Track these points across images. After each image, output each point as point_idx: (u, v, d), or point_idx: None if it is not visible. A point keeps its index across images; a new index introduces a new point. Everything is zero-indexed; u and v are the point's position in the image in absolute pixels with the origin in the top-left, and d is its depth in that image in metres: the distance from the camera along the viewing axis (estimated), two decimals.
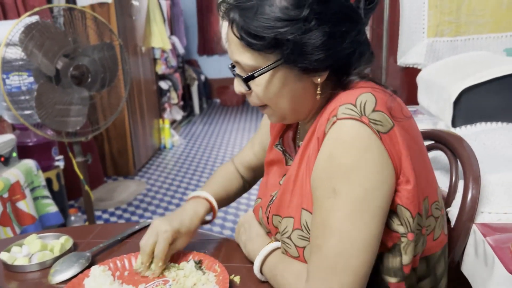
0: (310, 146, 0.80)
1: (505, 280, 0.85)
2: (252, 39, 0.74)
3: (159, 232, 0.93)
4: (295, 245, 0.82)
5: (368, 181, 0.69)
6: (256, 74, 0.77)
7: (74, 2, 3.38)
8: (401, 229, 0.74)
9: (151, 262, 0.94)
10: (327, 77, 0.77)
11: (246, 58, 0.77)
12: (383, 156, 0.70)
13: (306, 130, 0.88)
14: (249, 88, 0.80)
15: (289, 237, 0.82)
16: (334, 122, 0.72)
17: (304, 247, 0.80)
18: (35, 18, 2.05)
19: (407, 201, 0.73)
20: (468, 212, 0.98)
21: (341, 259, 0.70)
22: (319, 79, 0.77)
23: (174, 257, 0.99)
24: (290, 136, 0.97)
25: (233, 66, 0.84)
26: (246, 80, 0.79)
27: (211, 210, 1.04)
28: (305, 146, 0.82)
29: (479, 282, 0.95)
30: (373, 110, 0.71)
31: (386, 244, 0.76)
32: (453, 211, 1.02)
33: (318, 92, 0.79)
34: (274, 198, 0.92)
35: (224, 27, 0.81)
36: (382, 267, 0.78)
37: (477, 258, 0.96)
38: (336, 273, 0.70)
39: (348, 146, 0.70)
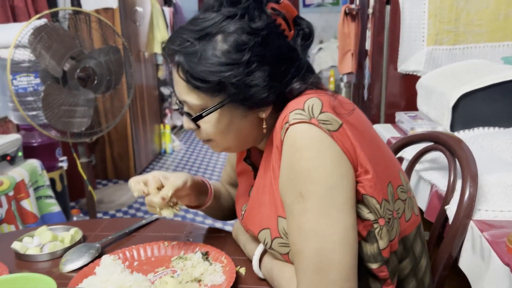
0: (272, 156, 0.83)
1: (500, 272, 0.88)
2: (198, 83, 0.78)
3: (156, 174, 0.98)
4: (279, 253, 0.84)
5: (329, 178, 0.73)
6: (204, 114, 0.82)
7: (79, 7, 3.44)
8: (371, 216, 0.77)
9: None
10: (273, 107, 0.82)
11: (193, 98, 0.81)
12: (337, 152, 0.74)
13: (262, 147, 0.93)
14: (198, 126, 0.84)
15: (270, 248, 0.85)
16: (287, 129, 0.75)
17: (287, 253, 0.83)
18: (43, 21, 2.10)
19: (370, 190, 0.77)
20: (466, 209, 1.02)
21: (324, 257, 0.73)
22: (263, 114, 0.83)
23: (182, 249, 1.02)
24: (257, 148, 0.99)
25: (181, 103, 0.88)
26: (195, 120, 0.83)
27: (204, 184, 1.06)
28: (266, 158, 0.87)
29: (476, 276, 0.98)
30: (321, 112, 0.75)
31: (361, 233, 0.79)
32: (452, 209, 1.05)
33: (264, 126, 0.84)
34: (243, 212, 0.96)
35: (166, 69, 0.86)
36: (363, 255, 0.80)
37: (474, 253, 1.00)
38: (323, 271, 0.73)
39: (304, 149, 0.74)
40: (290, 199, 0.76)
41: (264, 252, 0.90)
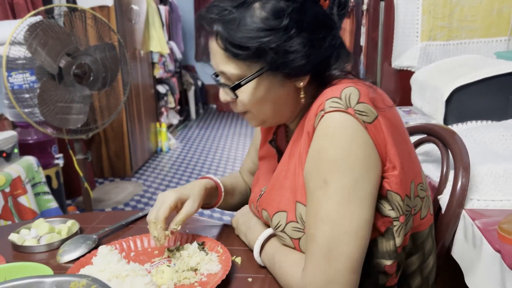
0: (301, 141, 0.83)
1: (491, 259, 0.90)
2: (237, 50, 0.78)
3: (161, 199, 0.97)
4: (290, 237, 0.85)
5: (356, 170, 0.74)
6: (242, 83, 0.81)
7: (75, 4, 3.43)
8: (392, 214, 0.79)
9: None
10: (308, 80, 0.83)
11: (231, 68, 0.81)
12: (369, 145, 0.74)
13: (293, 128, 0.93)
14: (236, 96, 0.83)
15: (282, 231, 0.86)
16: (322, 116, 0.76)
17: (299, 239, 0.83)
18: (39, 18, 2.10)
19: (396, 186, 0.78)
20: (458, 199, 1.03)
21: (335, 246, 0.73)
22: (301, 83, 0.82)
23: (178, 239, 1.03)
24: (284, 132, 1.01)
25: (217, 75, 0.88)
26: (234, 89, 0.82)
27: (216, 188, 1.08)
28: (294, 142, 0.87)
29: (468, 263, 1.00)
30: (358, 102, 0.75)
31: (379, 229, 0.80)
32: (444, 198, 1.07)
33: (301, 96, 0.84)
34: (262, 193, 0.96)
35: (200, 40, 0.86)
36: (377, 251, 0.81)
37: (466, 241, 1.01)
38: (331, 259, 0.73)
39: (337, 137, 0.74)
40: (313, 184, 0.77)
41: (266, 241, 0.91)
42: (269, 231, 0.92)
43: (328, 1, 0.81)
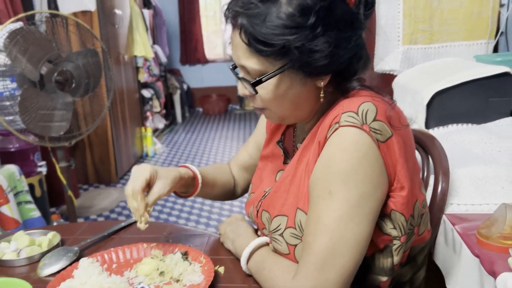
0: (311, 149, 0.83)
1: (470, 263, 0.91)
2: (260, 45, 0.75)
3: (137, 172, 0.94)
4: (286, 243, 0.84)
5: (363, 186, 0.74)
6: (263, 79, 0.79)
7: (57, 10, 3.40)
8: (394, 232, 0.79)
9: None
10: (329, 81, 0.81)
11: (253, 63, 0.79)
12: (379, 163, 0.74)
13: (304, 131, 0.92)
14: (256, 92, 0.81)
15: (281, 235, 0.86)
16: (337, 129, 0.75)
17: (295, 245, 0.83)
18: (19, 24, 2.08)
19: (401, 207, 0.78)
20: (439, 204, 1.04)
21: (330, 256, 0.73)
22: (322, 83, 0.81)
23: (161, 250, 1.02)
24: (292, 135, 1.00)
25: (235, 68, 0.87)
26: (254, 85, 0.80)
27: (193, 178, 1.03)
28: (304, 148, 0.86)
29: (449, 267, 1.01)
30: (374, 119, 0.74)
31: (378, 246, 0.80)
32: None
33: (321, 95, 0.82)
34: (267, 193, 0.95)
35: (228, 31, 0.83)
36: (374, 267, 0.82)
37: (447, 246, 1.03)
38: (324, 269, 0.73)
39: (348, 152, 0.74)
40: (317, 193, 0.76)
41: (255, 250, 0.90)
42: (260, 239, 0.91)
43: (354, 0, 0.79)
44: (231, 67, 0.88)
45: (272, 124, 1.04)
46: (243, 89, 0.85)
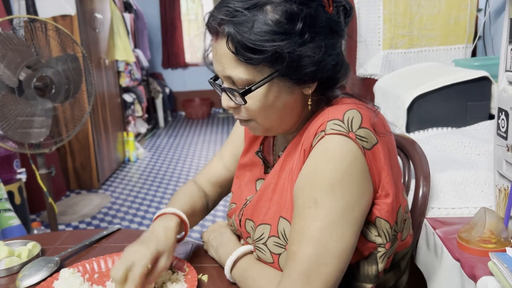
0: (294, 157, 0.82)
1: (452, 267, 0.92)
2: (250, 53, 0.74)
3: (135, 260, 0.83)
4: (270, 251, 0.84)
5: (349, 195, 0.73)
6: (253, 88, 0.77)
7: (36, 14, 3.35)
8: (378, 240, 0.79)
9: None
10: (314, 89, 0.81)
11: (240, 72, 0.76)
12: (364, 172, 0.74)
13: (286, 140, 0.91)
14: (245, 102, 0.79)
15: (264, 244, 0.85)
16: (323, 137, 0.75)
17: (279, 254, 0.83)
18: None
19: (386, 214, 0.78)
20: (420, 208, 1.06)
21: (315, 266, 0.73)
22: (309, 90, 0.80)
23: None
24: (271, 144, 0.99)
25: (215, 80, 0.84)
26: (243, 94, 0.78)
27: (181, 224, 0.97)
28: (286, 156, 0.85)
29: (431, 271, 1.02)
30: (360, 127, 0.74)
31: (362, 253, 0.81)
32: None
33: (309, 102, 0.81)
34: (248, 202, 0.94)
35: (208, 41, 0.81)
36: (359, 275, 0.82)
37: (428, 250, 1.04)
38: (308, 279, 0.73)
39: (335, 160, 0.73)
40: (303, 201, 0.75)
41: (239, 258, 0.89)
42: (244, 248, 0.90)
43: (333, 8, 0.79)
44: (210, 79, 0.86)
45: (250, 134, 1.02)
46: (228, 101, 0.82)
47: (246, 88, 0.77)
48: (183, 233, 1.01)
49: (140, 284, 0.81)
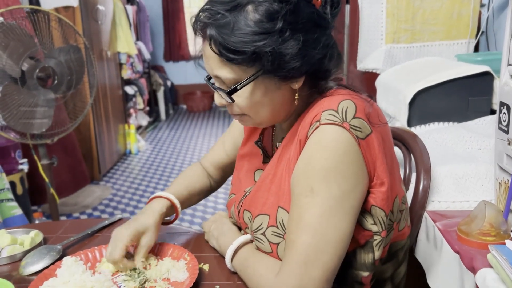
0: (291, 147, 0.84)
1: (451, 259, 0.93)
2: (231, 54, 0.76)
3: (116, 239, 0.93)
4: (269, 241, 0.85)
5: (345, 183, 0.75)
6: (238, 87, 0.80)
7: (38, 5, 3.35)
8: (374, 228, 0.81)
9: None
10: (303, 82, 0.82)
11: (226, 72, 0.79)
12: (359, 160, 0.76)
13: (283, 130, 0.93)
14: (232, 100, 0.82)
15: (263, 234, 0.86)
16: (317, 127, 0.76)
17: (278, 244, 0.84)
18: (0, 19, 2.04)
19: (382, 202, 0.80)
20: (420, 201, 1.06)
21: (313, 253, 0.74)
22: (296, 85, 0.82)
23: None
24: (270, 134, 1.00)
25: (209, 79, 0.87)
26: (230, 94, 0.81)
27: (171, 206, 1.03)
28: (284, 147, 0.87)
29: (430, 264, 1.03)
30: (354, 117, 0.76)
31: (358, 241, 0.82)
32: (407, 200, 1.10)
33: (296, 97, 0.83)
34: (247, 193, 0.96)
35: (199, 41, 0.84)
36: (355, 263, 0.83)
37: (428, 243, 1.04)
38: (307, 266, 0.74)
39: (329, 149, 0.75)
40: (299, 191, 0.77)
41: (239, 247, 0.90)
42: (244, 237, 0.92)
43: (320, 0, 0.81)
44: (206, 78, 0.89)
45: None
46: (219, 99, 0.86)
47: (232, 87, 0.80)
48: (174, 215, 1.06)
49: (121, 261, 0.91)
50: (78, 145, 3.54)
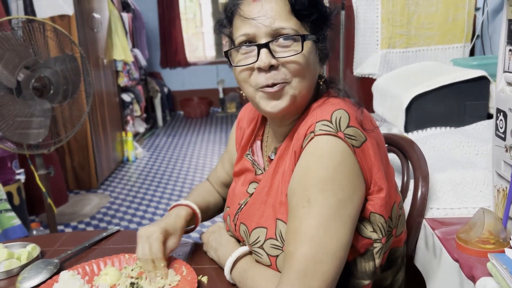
0: (286, 159, 0.84)
1: (451, 267, 0.92)
2: (307, 7, 0.81)
3: (148, 236, 0.93)
4: (267, 254, 0.85)
5: (341, 191, 0.74)
6: (309, 37, 0.82)
7: (34, 14, 3.34)
8: (374, 235, 0.80)
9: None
10: None
11: (293, 24, 0.80)
12: (355, 169, 0.76)
13: (277, 139, 0.93)
14: (302, 48, 0.80)
15: (261, 247, 0.86)
16: (312, 138, 0.76)
17: (277, 256, 0.83)
18: None
19: (380, 208, 0.79)
20: (419, 208, 1.06)
21: (312, 264, 0.74)
22: (321, 70, 0.88)
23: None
24: (258, 145, 1.00)
25: (247, 42, 0.82)
26: (303, 39, 0.80)
27: (193, 215, 1.05)
28: (279, 159, 0.87)
29: (430, 272, 1.02)
30: (348, 126, 0.76)
31: (358, 250, 0.81)
32: (405, 208, 1.09)
33: (321, 82, 0.88)
34: (242, 206, 0.95)
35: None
36: (356, 272, 0.83)
37: (427, 250, 1.04)
38: (306, 277, 0.73)
39: (325, 159, 0.75)
40: (296, 201, 0.77)
41: (239, 259, 0.90)
42: (243, 249, 0.91)
43: None
44: (229, 49, 0.85)
45: (240, 142, 1.05)
46: (269, 58, 0.79)
47: (302, 34, 0.81)
48: (193, 225, 1.07)
49: (163, 259, 0.93)
50: (58, 159, 3.49)
